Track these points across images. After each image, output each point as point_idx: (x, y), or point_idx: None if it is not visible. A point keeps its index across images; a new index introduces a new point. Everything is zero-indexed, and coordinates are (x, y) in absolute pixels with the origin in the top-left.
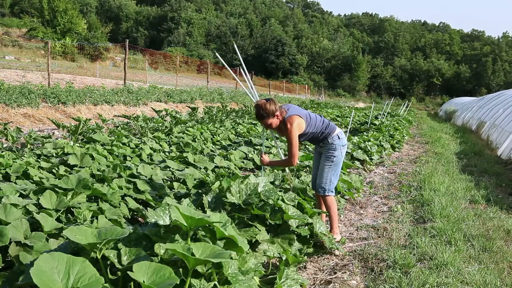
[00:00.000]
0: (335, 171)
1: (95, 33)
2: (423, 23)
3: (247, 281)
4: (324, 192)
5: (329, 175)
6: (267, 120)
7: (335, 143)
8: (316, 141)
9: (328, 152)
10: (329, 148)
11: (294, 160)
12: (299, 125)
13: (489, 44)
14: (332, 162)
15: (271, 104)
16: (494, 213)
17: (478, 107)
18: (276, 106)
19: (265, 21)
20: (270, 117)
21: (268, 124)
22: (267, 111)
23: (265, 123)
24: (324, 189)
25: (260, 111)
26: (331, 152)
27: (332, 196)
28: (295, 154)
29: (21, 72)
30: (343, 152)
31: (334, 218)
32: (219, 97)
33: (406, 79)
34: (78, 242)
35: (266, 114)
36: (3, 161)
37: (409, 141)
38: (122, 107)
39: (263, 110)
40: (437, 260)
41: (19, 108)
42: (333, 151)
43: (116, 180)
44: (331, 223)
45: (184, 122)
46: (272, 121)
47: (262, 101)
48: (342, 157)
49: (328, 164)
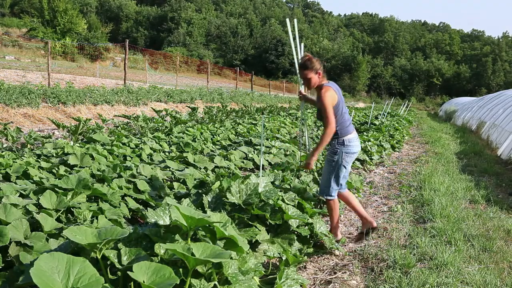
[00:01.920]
0: (335, 176)
1: (95, 33)
2: (423, 23)
3: (247, 281)
4: (324, 196)
5: (329, 179)
6: (309, 72)
7: (337, 147)
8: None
9: (329, 155)
10: (331, 151)
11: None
12: (332, 96)
13: (489, 44)
14: (331, 166)
15: (318, 62)
16: (494, 213)
17: (478, 107)
18: (321, 67)
19: (265, 21)
20: (312, 72)
21: (308, 77)
22: (312, 64)
23: (305, 75)
24: (323, 192)
25: (306, 62)
26: (331, 155)
27: (331, 201)
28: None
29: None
30: (347, 160)
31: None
32: (219, 97)
33: (406, 79)
34: (78, 242)
35: (310, 66)
36: (3, 161)
37: (409, 141)
38: (122, 107)
39: (310, 61)
40: (437, 260)
41: (19, 108)
42: (333, 155)
43: (116, 180)
44: (332, 221)
45: (184, 122)
46: (312, 77)
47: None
48: (343, 165)
49: (326, 167)
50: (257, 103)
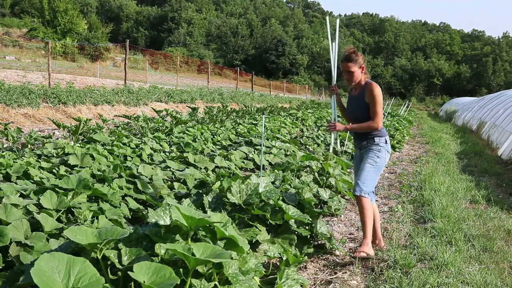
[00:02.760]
0: (375, 175)
1: (95, 33)
2: (424, 23)
3: (248, 281)
4: (360, 192)
5: (369, 175)
6: (353, 65)
7: (381, 145)
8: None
9: (373, 152)
10: (374, 149)
11: (380, 122)
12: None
13: (490, 44)
14: (376, 163)
15: (362, 56)
16: (495, 213)
17: (478, 107)
18: (365, 62)
19: (265, 21)
20: (356, 65)
21: (351, 71)
22: (357, 57)
23: (348, 67)
24: (360, 188)
25: (351, 54)
26: (375, 153)
27: (367, 199)
28: (380, 116)
29: (22, 72)
30: (387, 159)
31: (367, 224)
32: (220, 97)
33: (407, 79)
34: (78, 242)
35: (355, 59)
36: (3, 161)
37: (410, 141)
38: (122, 107)
39: (355, 54)
40: (438, 260)
41: (20, 108)
42: (378, 152)
43: (117, 180)
44: (364, 230)
45: (184, 122)
46: (355, 71)
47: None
48: (385, 162)
49: (370, 163)
50: (258, 103)
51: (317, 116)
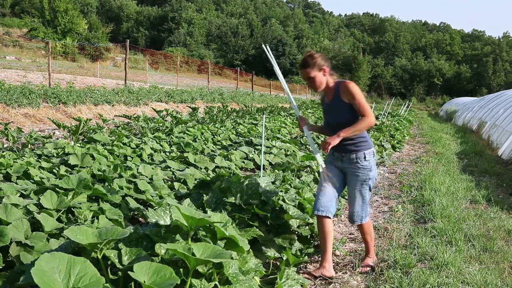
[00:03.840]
0: (368, 194)
1: (95, 33)
2: (424, 23)
3: (248, 281)
4: (361, 220)
5: (366, 199)
6: (311, 70)
7: (372, 162)
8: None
9: (363, 174)
10: (365, 167)
11: (372, 116)
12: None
13: (490, 44)
14: (368, 185)
15: (321, 57)
16: (495, 213)
17: (478, 107)
18: (326, 63)
19: (265, 21)
20: (315, 69)
21: (311, 76)
22: (314, 60)
23: (306, 74)
24: (360, 217)
25: (307, 59)
26: (366, 174)
27: (368, 221)
28: (370, 110)
29: (22, 72)
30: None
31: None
32: (220, 97)
33: (407, 79)
34: (78, 242)
35: (312, 63)
36: (4, 161)
37: (410, 141)
38: (122, 107)
39: (311, 58)
40: (438, 260)
41: (20, 108)
42: (369, 172)
43: (117, 180)
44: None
45: (184, 122)
46: (316, 75)
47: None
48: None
49: (363, 189)
50: (258, 103)
51: (317, 116)
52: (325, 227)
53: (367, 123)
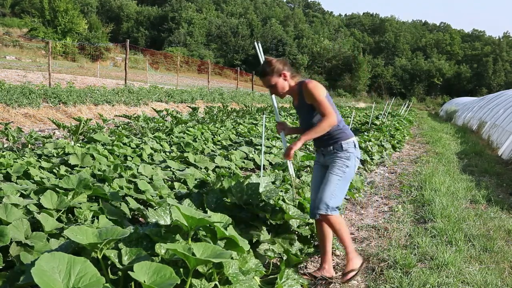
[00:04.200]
0: (344, 187)
1: (95, 33)
2: (424, 23)
3: (248, 281)
4: (326, 210)
5: (337, 189)
6: (271, 77)
7: (350, 151)
8: (325, 137)
9: (340, 160)
10: (342, 156)
11: (332, 115)
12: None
13: (490, 44)
14: (344, 173)
15: (279, 62)
16: (495, 213)
17: (478, 107)
18: (285, 66)
19: (265, 21)
20: (274, 76)
21: (272, 84)
22: (272, 66)
23: (267, 82)
24: (326, 205)
25: (264, 67)
26: (343, 161)
27: (337, 216)
28: (330, 110)
29: (22, 72)
30: (357, 165)
31: (347, 242)
32: (220, 97)
33: (407, 79)
34: (79, 242)
35: (271, 70)
36: (4, 161)
37: (410, 141)
38: (123, 107)
39: (269, 64)
40: (438, 260)
41: (20, 108)
42: (347, 160)
43: (117, 180)
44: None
45: (185, 122)
46: (277, 81)
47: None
48: (354, 173)
49: (338, 174)
50: (258, 103)
51: None
52: (323, 229)
53: (327, 124)
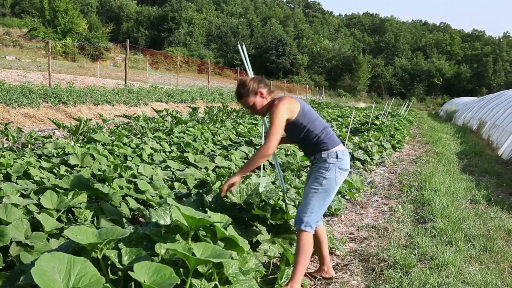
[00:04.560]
0: (323, 202)
1: (95, 33)
2: (424, 23)
3: (248, 281)
4: (299, 225)
5: (313, 203)
6: (248, 99)
7: (329, 162)
8: (307, 148)
9: (318, 172)
10: (320, 167)
11: (271, 146)
12: (289, 104)
13: (490, 44)
14: (321, 186)
15: (253, 81)
16: (495, 213)
17: (478, 107)
18: (260, 84)
19: (265, 21)
20: (250, 96)
21: (250, 105)
22: (247, 87)
23: (245, 103)
24: (300, 221)
25: (239, 88)
26: (321, 172)
27: (309, 234)
28: (274, 136)
29: (22, 72)
30: (340, 178)
31: (301, 265)
32: (220, 97)
33: (407, 79)
34: (79, 242)
35: (246, 91)
36: (4, 161)
37: (410, 141)
38: (122, 107)
39: (243, 85)
40: (438, 260)
41: (20, 108)
42: (326, 171)
43: (117, 180)
44: (294, 271)
45: (184, 122)
46: (256, 101)
47: (244, 78)
48: (336, 184)
49: (314, 188)
50: None
51: None
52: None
53: (260, 154)
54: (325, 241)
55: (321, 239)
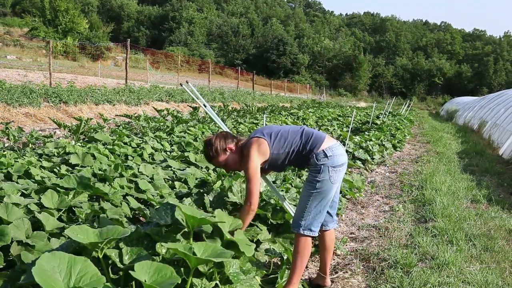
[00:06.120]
0: (320, 204)
1: (96, 33)
2: (425, 23)
3: (249, 280)
4: (297, 228)
5: (309, 206)
6: (219, 158)
7: (320, 163)
8: (301, 164)
9: (312, 175)
10: (313, 170)
11: (253, 202)
12: (258, 148)
13: (491, 44)
14: (315, 189)
15: (219, 139)
16: (496, 212)
17: (479, 106)
18: (227, 140)
19: (266, 21)
20: (220, 155)
21: (223, 164)
22: (214, 146)
23: (218, 164)
24: (298, 224)
25: (207, 150)
26: (314, 175)
27: (307, 238)
28: (254, 192)
29: (23, 71)
30: (336, 176)
31: (298, 269)
32: (221, 97)
33: (408, 79)
34: (79, 241)
35: (214, 152)
36: (4, 160)
37: (411, 141)
38: (123, 106)
39: (209, 146)
40: (439, 260)
41: (21, 107)
42: (317, 174)
43: (118, 179)
44: (291, 274)
45: (185, 122)
46: (226, 158)
47: (207, 138)
48: (333, 183)
49: (309, 191)
50: (259, 103)
51: (318, 116)
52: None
53: (247, 213)
54: (330, 250)
55: (326, 246)
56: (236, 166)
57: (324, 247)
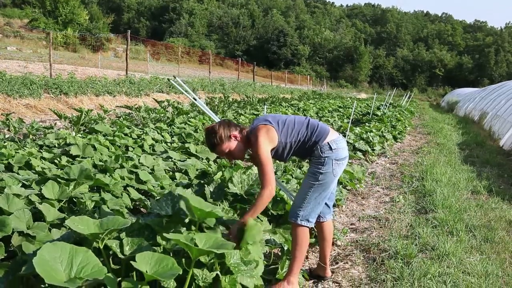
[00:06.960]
0: (320, 195)
1: (96, 24)
2: (426, 14)
3: (249, 271)
4: (295, 219)
5: (309, 197)
6: (223, 146)
7: (324, 156)
8: (304, 155)
9: (315, 167)
10: (317, 162)
11: (271, 187)
12: (266, 134)
13: (492, 35)
14: (317, 182)
15: (223, 126)
16: (496, 203)
17: (480, 98)
18: (231, 127)
19: (267, 12)
20: (224, 142)
21: (226, 152)
22: (218, 133)
23: (222, 152)
24: (295, 214)
25: (210, 138)
26: (318, 168)
27: (305, 229)
28: (271, 175)
29: (23, 62)
30: (338, 169)
31: (297, 259)
32: (221, 88)
33: (408, 70)
34: (80, 232)
35: (218, 140)
36: (5, 151)
37: (411, 132)
38: (124, 97)
39: (213, 134)
40: (439, 250)
41: (21, 98)
42: (321, 166)
43: (118, 170)
44: (291, 264)
45: (186, 113)
46: (230, 147)
47: (210, 125)
48: (335, 176)
49: (311, 183)
50: (259, 94)
51: (318, 107)
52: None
53: (267, 197)
54: (328, 241)
55: (325, 237)
56: (241, 155)
57: (323, 238)
